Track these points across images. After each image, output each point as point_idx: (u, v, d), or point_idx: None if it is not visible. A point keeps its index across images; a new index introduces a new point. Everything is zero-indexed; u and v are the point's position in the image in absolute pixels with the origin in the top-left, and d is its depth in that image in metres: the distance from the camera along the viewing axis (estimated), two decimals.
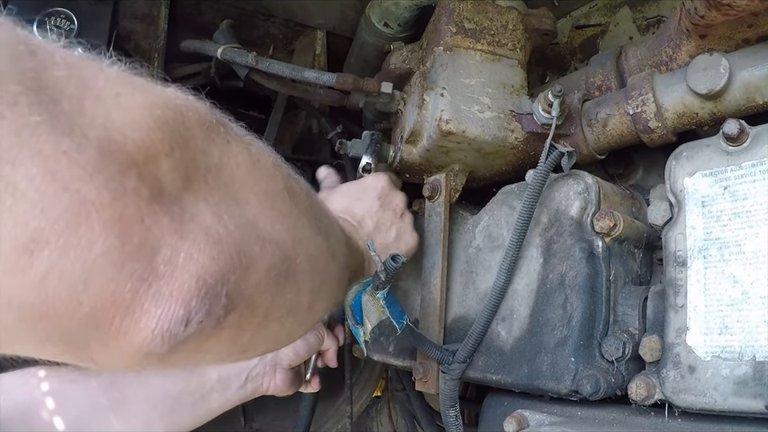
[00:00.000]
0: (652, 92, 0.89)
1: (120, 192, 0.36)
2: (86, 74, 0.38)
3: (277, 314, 0.52)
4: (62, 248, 0.34)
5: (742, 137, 0.75)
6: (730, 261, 0.74)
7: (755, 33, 0.83)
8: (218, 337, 0.45)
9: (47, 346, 0.39)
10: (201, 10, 1.41)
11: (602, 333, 0.84)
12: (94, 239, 0.35)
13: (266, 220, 0.50)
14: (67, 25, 1.23)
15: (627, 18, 1.28)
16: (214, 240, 0.42)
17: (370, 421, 1.87)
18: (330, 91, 1.22)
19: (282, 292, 0.52)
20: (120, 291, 0.37)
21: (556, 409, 0.88)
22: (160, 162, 0.40)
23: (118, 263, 0.36)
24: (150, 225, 0.38)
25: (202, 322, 0.41)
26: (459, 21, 1.05)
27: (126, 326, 0.38)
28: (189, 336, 0.41)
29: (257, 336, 0.52)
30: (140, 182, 0.38)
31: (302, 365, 1.06)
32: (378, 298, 0.87)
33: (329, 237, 0.65)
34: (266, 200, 0.51)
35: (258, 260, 0.47)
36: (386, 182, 1.01)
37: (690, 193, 0.80)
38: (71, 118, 0.36)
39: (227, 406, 0.96)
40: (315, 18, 1.47)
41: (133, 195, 0.37)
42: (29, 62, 0.35)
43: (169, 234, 0.39)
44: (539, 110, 0.97)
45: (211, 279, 0.41)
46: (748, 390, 0.69)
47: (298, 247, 0.54)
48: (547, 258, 0.91)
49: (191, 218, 0.41)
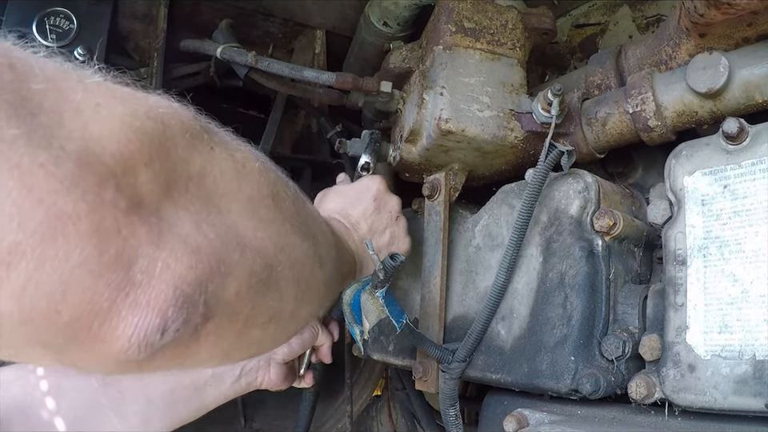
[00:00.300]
0: (651, 91, 0.89)
1: (97, 204, 0.37)
2: (64, 87, 0.39)
3: (258, 321, 0.52)
4: (39, 260, 0.35)
5: (741, 135, 0.75)
6: (730, 259, 0.74)
7: (755, 31, 0.83)
8: (197, 344, 0.45)
9: (29, 352, 0.40)
10: (200, 9, 1.41)
11: (601, 332, 0.84)
12: (70, 250, 0.36)
13: (248, 227, 0.50)
14: (67, 25, 1.23)
15: (627, 17, 1.28)
16: (192, 249, 0.43)
17: (370, 420, 1.87)
18: (329, 90, 1.22)
19: (264, 299, 0.51)
20: (97, 300, 0.37)
21: (556, 408, 0.88)
22: (138, 172, 0.41)
23: (96, 273, 0.37)
24: (128, 235, 0.39)
25: (179, 330, 0.42)
26: (459, 20, 1.05)
27: (104, 333, 0.39)
28: (166, 344, 0.41)
29: (238, 342, 0.52)
30: (118, 194, 0.39)
31: (296, 360, 1.06)
32: (377, 296, 0.87)
33: (316, 242, 0.64)
34: (248, 207, 0.51)
35: (237, 268, 0.47)
36: (382, 185, 1.01)
37: (689, 191, 0.80)
38: (49, 130, 0.36)
39: (221, 400, 0.97)
40: (314, 18, 1.47)
41: (110, 207, 0.38)
42: (7, 75, 0.36)
43: (146, 243, 0.40)
44: (539, 109, 0.97)
45: (188, 288, 0.42)
46: (748, 388, 0.69)
47: (280, 254, 0.54)
48: (547, 257, 0.91)
49: (170, 227, 0.42)
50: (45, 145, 0.35)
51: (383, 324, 1.15)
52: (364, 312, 1.10)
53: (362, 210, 0.95)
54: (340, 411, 1.60)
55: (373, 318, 1.08)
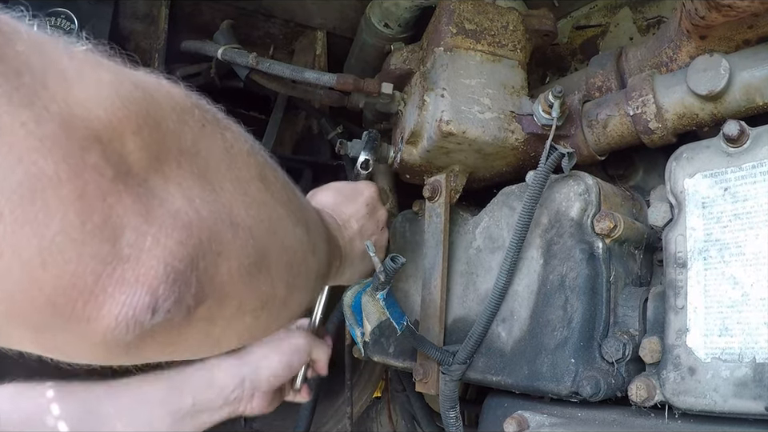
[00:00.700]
0: (652, 93, 0.89)
1: (80, 168, 0.35)
2: (51, 51, 0.38)
3: (250, 307, 0.51)
4: (17, 222, 0.33)
5: (742, 138, 0.75)
6: (731, 262, 0.74)
7: (755, 34, 0.83)
8: (189, 328, 0.44)
9: (8, 331, 0.38)
10: (201, 10, 1.41)
11: (602, 334, 0.84)
12: (51, 215, 0.34)
13: (240, 208, 0.48)
14: (67, 25, 1.23)
15: (627, 19, 1.28)
16: (183, 224, 0.41)
17: (370, 422, 1.87)
18: (330, 92, 1.22)
19: (256, 283, 0.50)
20: (81, 273, 0.35)
21: (556, 410, 0.88)
22: (126, 140, 0.39)
23: (78, 242, 0.35)
24: (113, 203, 0.37)
25: (170, 311, 0.40)
26: (459, 21, 1.05)
27: (89, 311, 0.37)
28: (156, 325, 0.39)
29: (229, 329, 0.50)
30: (103, 160, 0.37)
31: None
32: (378, 298, 0.87)
33: (309, 230, 0.63)
34: (239, 187, 0.49)
35: (230, 247, 0.45)
36: (376, 193, 1.00)
37: (690, 194, 0.80)
38: (33, 90, 0.35)
39: (201, 428, 0.94)
40: (315, 19, 1.47)
41: (94, 172, 0.36)
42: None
43: (133, 215, 0.38)
44: (539, 111, 0.97)
45: (180, 265, 0.40)
46: (748, 391, 0.69)
47: (273, 237, 0.52)
48: (547, 260, 0.91)
49: (160, 201, 0.40)
50: (27, 104, 0.34)
51: (384, 326, 1.15)
52: (365, 314, 1.10)
53: (354, 211, 0.94)
54: (340, 412, 1.60)
55: (373, 319, 1.08)
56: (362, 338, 1.08)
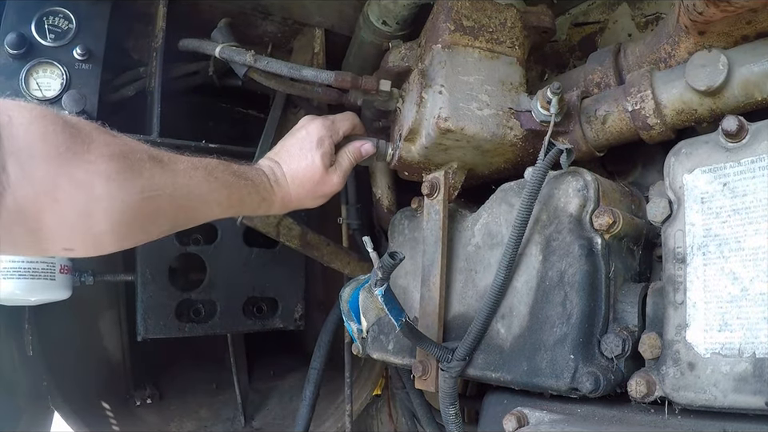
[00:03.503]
0: (651, 89, 0.89)
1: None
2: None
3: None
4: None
5: (741, 133, 0.75)
6: (730, 257, 0.74)
7: (754, 29, 0.83)
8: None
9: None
10: (199, 8, 1.41)
11: (601, 330, 0.84)
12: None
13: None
14: (66, 24, 1.23)
15: (626, 15, 1.28)
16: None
17: (370, 419, 1.87)
18: (328, 89, 1.22)
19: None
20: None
21: (556, 406, 0.88)
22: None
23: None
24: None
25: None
26: (457, 18, 1.04)
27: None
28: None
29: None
30: None
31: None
32: (376, 295, 0.87)
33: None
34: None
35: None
36: (307, 120, 1.12)
37: (689, 189, 0.80)
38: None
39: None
40: (313, 17, 1.47)
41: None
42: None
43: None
44: (538, 108, 0.97)
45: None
46: (748, 386, 0.69)
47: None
48: (546, 256, 0.91)
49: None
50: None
51: (382, 323, 1.15)
52: (362, 310, 1.10)
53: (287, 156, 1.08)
54: (340, 410, 1.60)
55: (371, 316, 1.07)
56: (360, 335, 1.08)
